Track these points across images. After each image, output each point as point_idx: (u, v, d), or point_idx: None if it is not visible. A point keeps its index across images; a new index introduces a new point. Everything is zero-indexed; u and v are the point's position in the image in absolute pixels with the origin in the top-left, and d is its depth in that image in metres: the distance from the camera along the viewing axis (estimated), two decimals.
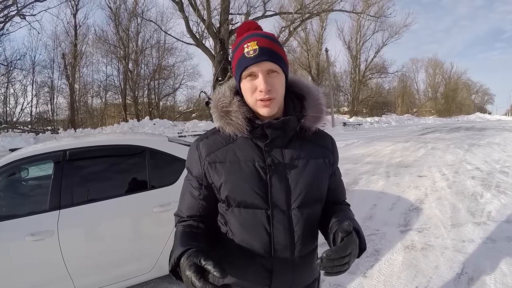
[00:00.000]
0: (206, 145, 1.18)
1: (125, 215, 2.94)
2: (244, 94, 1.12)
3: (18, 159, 2.93)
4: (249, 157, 1.13)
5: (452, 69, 60.77)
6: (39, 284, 2.69)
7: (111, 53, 31.15)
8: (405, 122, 40.22)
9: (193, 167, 1.20)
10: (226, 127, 1.14)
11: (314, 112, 1.18)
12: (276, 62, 1.08)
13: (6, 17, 21.16)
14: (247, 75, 1.08)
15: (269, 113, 1.09)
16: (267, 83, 1.06)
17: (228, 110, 1.13)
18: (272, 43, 1.10)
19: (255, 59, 1.06)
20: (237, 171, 1.12)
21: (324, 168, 1.21)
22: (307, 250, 1.19)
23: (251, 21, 1.23)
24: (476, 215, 4.79)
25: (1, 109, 27.24)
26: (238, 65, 1.10)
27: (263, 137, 1.14)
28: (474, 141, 15.00)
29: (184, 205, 1.22)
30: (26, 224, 2.65)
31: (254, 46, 1.07)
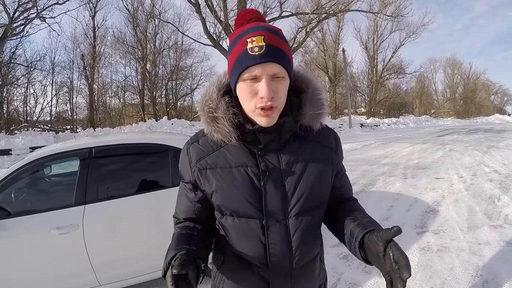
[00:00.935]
0: (196, 150, 1.09)
1: (148, 211, 3.06)
2: (240, 98, 0.99)
3: (45, 156, 3.08)
4: (241, 163, 1.03)
5: (470, 69, 59.66)
6: (63, 276, 2.81)
7: (129, 54, 31.72)
8: (423, 123, 39.73)
9: (185, 172, 1.13)
10: (214, 133, 1.03)
11: (313, 109, 1.05)
12: (283, 65, 0.93)
13: (26, 20, 21.69)
14: (247, 76, 0.92)
15: (269, 123, 0.97)
16: (271, 89, 0.92)
17: (214, 117, 1.02)
18: (281, 41, 0.95)
19: (260, 58, 0.90)
20: (229, 179, 1.03)
21: (325, 170, 1.10)
22: (307, 259, 1.11)
23: (253, 9, 1.07)
24: (493, 218, 4.78)
25: (22, 108, 28.00)
26: (237, 62, 0.94)
27: (255, 142, 1.03)
28: (492, 143, 14.79)
29: (180, 207, 1.15)
30: (52, 218, 2.78)
31: (260, 42, 0.91)
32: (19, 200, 3.06)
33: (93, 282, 2.86)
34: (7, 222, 2.72)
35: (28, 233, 2.74)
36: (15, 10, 20.54)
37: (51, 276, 2.79)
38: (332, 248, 3.90)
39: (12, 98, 26.99)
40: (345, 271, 3.44)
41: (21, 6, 20.67)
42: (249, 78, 0.93)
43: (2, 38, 20.06)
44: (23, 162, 3.00)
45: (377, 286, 3.15)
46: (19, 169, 2.94)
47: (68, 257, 2.81)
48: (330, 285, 3.21)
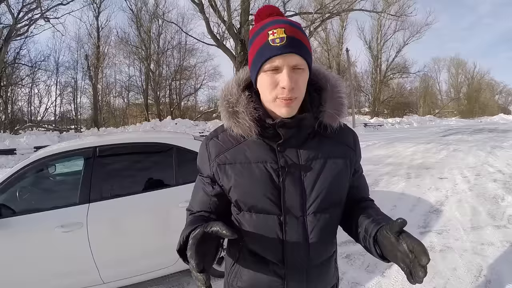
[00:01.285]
0: (216, 145, 1.08)
1: (152, 209, 3.08)
2: (261, 89, 0.99)
3: (49, 155, 3.11)
4: (261, 158, 1.03)
5: (475, 68, 59.41)
6: (67, 273, 2.84)
7: (133, 54, 31.88)
8: (427, 123, 39.64)
9: (203, 167, 1.12)
10: (234, 128, 1.03)
11: (334, 107, 1.05)
12: (304, 57, 0.94)
13: (31, 20, 21.83)
14: (269, 67, 0.93)
15: (289, 114, 0.97)
16: (292, 80, 0.92)
17: (235, 111, 1.02)
18: (301, 33, 0.95)
19: (282, 49, 0.91)
20: (248, 174, 1.02)
21: (344, 168, 1.09)
22: (323, 258, 1.10)
23: (273, 5, 1.08)
24: (496, 218, 4.77)
25: (26, 108, 28.27)
26: (259, 53, 0.94)
27: (275, 137, 1.02)
28: (497, 143, 14.74)
29: (195, 200, 1.14)
30: (56, 216, 2.81)
31: (281, 34, 0.91)
32: (24, 198, 3.08)
33: (96, 280, 2.89)
34: (11, 220, 2.75)
35: (33, 231, 2.76)
36: (19, 11, 20.69)
37: (55, 274, 2.81)
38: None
39: (16, 98, 27.26)
40: (348, 271, 3.44)
41: (25, 7, 20.81)
42: (270, 69, 0.93)
43: (6, 39, 20.17)
44: (28, 161, 3.03)
45: (380, 286, 3.15)
46: (24, 168, 2.96)
47: (72, 255, 2.83)
48: None
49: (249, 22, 20.84)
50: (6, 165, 13.07)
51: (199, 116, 32.64)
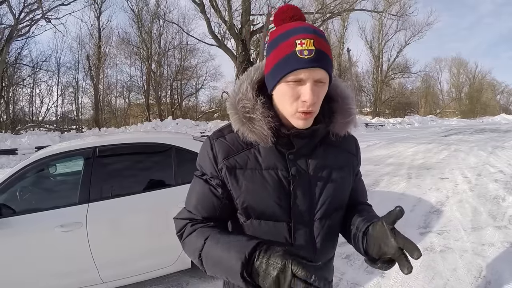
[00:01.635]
0: (224, 147, 1.04)
1: (151, 209, 3.08)
2: (280, 100, 0.96)
3: (49, 155, 3.12)
4: (272, 165, 1.01)
5: (476, 68, 59.26)
6: (67, 273, 2.85)
7: (134, 55, 31.81)
8: (428, 123, 39.57)
9: (207, 168, 1.06)
10: (248, 134, 0.99)
11: (344, 118, 1.06)
12: (328, 71, 0.92)
13: (32, 21, 21.81)
14: (293, 79, 0.90)
15: (305, 126, 0.96)
16: (314, 94, 0.90)
17: (251, 117, 0.98)
18: (327, 45, 0.93)
19: (309, 63, 0.87)
20: (259, 180, 1.00)
21: (348, 176, 1.12)
22: (326, 259, 1.13)
23: (295, 6, 1.04)
24: (497, 218, 4.76)
25: (27, 108, 28.25)
26: (284, 62, 0.90)
27: (287, 145, 1.02)
28: (498, 143, 14.73)
29: (199, 204, 1.06)
30: (56, 216, 2.82)
31: (310, 46, 0.88)
32: (24, 198, 3.09)
33: (96, 279, 2.89)
34: (12, 220, 2.76)
35: (33, 231, 2.77)
36: (21, 11, 20.67)
37: (55, 274, 2.82)
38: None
39: (18, 98, 27.26)
40: (347, 271, 3.44)
41: (26, 7, 20.80)
42: (294, 80, 0.90)
43: (8, 39, 20.19)
44: (29, 161, 3.04)
45: (379, 287, 3.15)
46: (25, 168, 2.98)
47: (72, 254, 2.84)
48: (332, 284, 3.20)
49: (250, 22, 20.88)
50: (7, 165, 13.09)
51: (200, 116, 32.61)
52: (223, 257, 0.90)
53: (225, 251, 0.90)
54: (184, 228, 1.05)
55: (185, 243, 1.03)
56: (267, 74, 0.98)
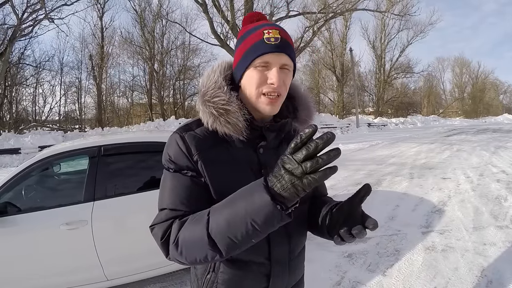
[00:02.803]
0: (196, 139, 1.01)
1: (155, 208, 3.10)
2: (247, 85, 1.01)
3: (54, 154, 3.16)
4: (244, 159, 1.03)
5: (479, 68, 59.12)
6: (72, 270, 2.89)
7: (137, 54, 31.84)
8: (431, 123, 39.56)
9: (181, 161, 1.00)
10: (220, 127, 0.99)
11: (306, 114, 1.13)
12: (292, 59, 1.00)
13: (35, 21, 21.82)
14: (260, 63, 0.96)
15: (272, 111, 1.00)
16: (281, 77, 0.97)
17: (227, 109, 0.99)
18: (291, 38, 1.02)
19: (275, 48, 0.96)
20: (232, 174, 1.00)
21: None
22: (299, 249, 1.16)
23: (260, 12, 1.12)
24: (499, 218, 4.77)
25: (30, 108, 28.31)
26: (253, 48, 0.97)
27: (257, 138, 1.05)
28: (501, 143, 14.71)
29: (180, 198, 0.98)
30: (61, 214, 2.86)
31: (276, 35, 0.97)
32: (29, 196, 3.14)
33: (100, 277, 2.92)
34: (17, 218, 2.80)
35: (38, 228, 2.81)
36: (24, 11, 20.71)
37: (60, 271, 2.86)
38: (336, 246, 3.91)
39: (21, 98, 27.34)
40: (349, 270, 3.46)
41: (29, 7, 20.83)
42: (261, 64, 0.97)
43: (11, 39, 20.25)
44: (33, 160, 3.07)
45: (381, 285, 3.17)
46: (30, 167, 3.01)
47: (77, 252, 2.88)
48: (334, 282, 3.24)
49: None
50: (11, 164, 13.18)
51: None
52: (239, 204, 0.83)
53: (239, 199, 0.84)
54: (169, 229, 0.95)
55: (179, 241, 0.91)
56: (236, 65, 1.04)
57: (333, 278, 3.32)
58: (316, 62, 42.52)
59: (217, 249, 0.85)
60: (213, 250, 0.85)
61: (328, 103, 45.95)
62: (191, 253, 0.90)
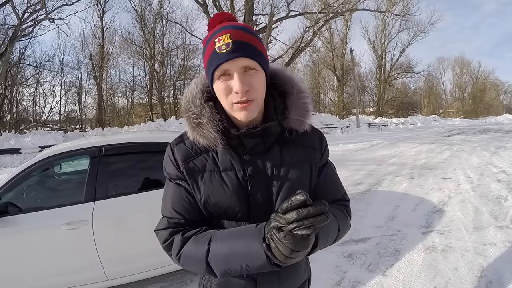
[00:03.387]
0: (182, 151, 1.05)
1: (156, 208, 3.11)
2: (219, 97, 0.99)
3: (55, 154, 3.17)
4: (229, 167, 1.02)
5: (479, 68, 59.16)
6: (72, 270, 2.89)
7: (137, 54, 31.87)
8: (431, 123, 39.55)
9: (172, 171, 1.08)
10: (199, 139, 1.02)
11: (298, 113, 1.05)
12: (253, 58, 0.94)
13: (35, 21, 21.85)
14: (220, 74, 0.94)
15: (248, 117, 0.96)
16: (244, 83, 0.92)
17: (198, 122, 1.00)
18: (248, 35, 0.96)
19: (228, 55, 0.91)
20: (217, 182, 1.01)
21: (306, 173, 1.08)
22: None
23: (224, 12, 1.10)
24: (499, 218, 4.77)
25: (31, 108, 28.37)
26: (209, 63, 0.95)
27: (240, 146, 1.03)
28: (501, 143, 14.69)
29: (176, 207, 1.05)
30: (62, 214, 2.87)
31: (226, 40, 0.92)
32: (30, 197, 3.14)
33: (101, 276, 2.93)
34: (18, 218, 2.81)
35: (39, 228, 2.82)
36: (24, 12, 20.73)
37: (61, 271, 2.87)
38: (337, 246, 3.93)
39: (21, 98, 27.39)
40: (349, 270, 3.47)
41: (30, 8, 20.84)
42: (221, 74, 0.94)
43: (11, 39, 20.26)
44: (34, 160, 3.08)
45: (381, 285, 3.17)
46: (30, 167, 3.02)
47: (78, 252, 2.88)
48: (334, 282, 3.24)
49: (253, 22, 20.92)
50: (11, 164, 13.19)
51: None
52: (238, 247, 0.89)
53: (238, 241, 0.90)
54: (171, 239, 1.03)
55: (181, 257, 0.99)
56: (207, 79, 1.02)
57: (333, 278, 3.32)
58: (317, 62, 42.61)
59: (213, 272, 0.94)
60: (210, 272, 0.95)
61: (329, 103, 46.00)
62: (191, 268, 1.02)
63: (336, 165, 0.93)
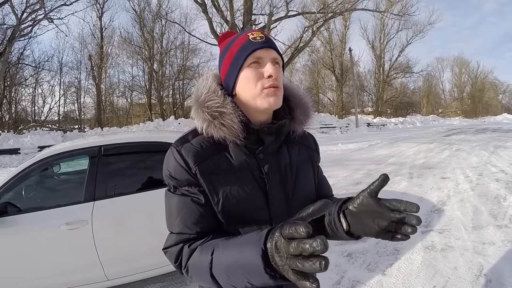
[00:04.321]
0: (193, 151, 0.98)
1: (156, 207, 3.10)
2: (244, 86, 0.98)
3: (55, 154, 3.16)
4: (245, 166, 0.99)
5: (478, 68, 59.26)
6: (72, 270, 2.89)
7: (136, 54, 31.89)
8: (430, 123, 39.60)
9: (181, 175, 0.99)
10: (215, 131, 0.97)
11: (303, 114, 1.08)
12: (279, 54, 1.01)
13: (34, 21, 21.86)
14: (251, 61, 0.96)
15: (276, 103, 0.97)
16: (276, 70, 0.96)
17: (221, 111, 0.97)
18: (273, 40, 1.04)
19: (263, 44, 0.97)
20: (235, 183, 0.97)
21: (311, 171, 1.15)
22: None
23: (234, 31, 1.16)
24: (498, 217, 4.78)
25: (30, 108, 28.36)
26: (242, 50, 0.97)
27: (255, 143, 1.00)
28: (500, 143, 14.71)
29: (185, 221, 0.97)
30: (61, 214, 2.86)
31: (260, 34, 0.99)
32: (29, 197, 3.14)
33: (101, 276, 2.93)
34: (17, 218, 2.81)
35: (39, 228, 2.82)
36: (23, 12, 20.74)
37: (60, 271, 2.86)
38: (337, 246, 3.94)
39: (20, 98, 27.36)
40: (349, 269, 3.47)
41: (28, 8, 20.87)
42: (254, 61, 0.97)
43: (10, 39, 20.25)
44: (33, 160, 3.08)
45: (380, 284, 3.17)
46: (29, 167, 3.01)
47: (77, 252, 2.88)
48: (334, 282, 3.24)
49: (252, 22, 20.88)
50: (10, 164, 13.19)
51: None
52: (238, 258, 0.79)
53: (238, 251, 0.80)
54: (181, 254, 0.95)
55: (189, 269, 0.92)
56: (226, 75, 1.02)
57: (333, 277, 3.32)
58: (316, 62, 42.69)
59: (219, 285, 0.86)
60: (216, 285, 0.86)
61: (328, 103, 46.06)
62: (199, 281, 0.94)
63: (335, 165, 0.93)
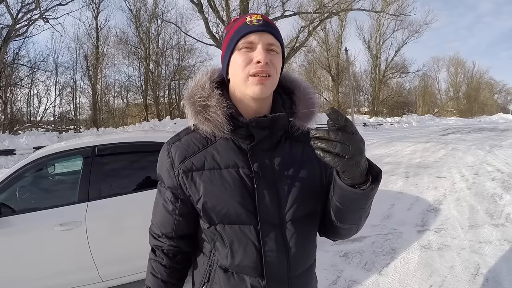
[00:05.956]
0: (180, 149, 0.98)
1: (149, 208, 3.08)
2: (233, 71, 0.95)
3: (48, 154, 3.13)
4: (232, 163, 0.95)
5: (474, 67, 59.44)
6: (66, 272, 2.87)
7: (132, 54, 31.77)
8: (426, 122, 39.65)
9: (164, 176, 1.01)
10: (203, 125, 0.95)
11: (306, 108, 1.02)
12: (277, 38, 0.94)
13: (30, 21, 21.79)
14: (243, 46, 0.92)
15: (262, 92, 0.91)
16: (268, 57, 0.90)
17: (206, 105, 0.94)
18: (274, 24, 0.98)
19: (258, 27, 0.91)
20: (218, 181, 0.94)
21: (317, 170, 1.02)
22: (304, 267, 1.02)
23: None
24: (494, 216, 4.79)
25: (25, 108, 28.18)
26: (236, 33, 0.94)
27: (247, 138, 0.96)
28: (496, 142, 14.77)
29: (157, 219, 1.07)
30: (55, 215, 2.84)
31: (258, 17, 0.93)
32: (23, 197, 3.11)
33: (95, 278, 2.91)
34: (11, 219, 2.78)
35: (32, 229, 2.79)
36: (18, 11, 20.66)
37: (54, 272, 2.84)
38: (332, 246, 3.92)
39: (15, 98, 27.14)
40: (345, 269, 3.46)
41: (24, 7, 20.79)
42: (245, 45, 0.92)
43: (5, 39, 20.16)
44: (27, 160, 3.05)
45: (377, 284, 3.16)
46: (23, 167, 2.99)
47: (71, 253, 2.86)
48: (330, 282, 3.23)
49: None
50: (6, 165, 13.08)
51: None
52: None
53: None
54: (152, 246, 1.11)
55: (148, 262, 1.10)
56: (222, 59, 1.01)
57: (329, 277, 3.31)
58: (312, 62, 42.61)
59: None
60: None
61: (324, 102, 46.00)
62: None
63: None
